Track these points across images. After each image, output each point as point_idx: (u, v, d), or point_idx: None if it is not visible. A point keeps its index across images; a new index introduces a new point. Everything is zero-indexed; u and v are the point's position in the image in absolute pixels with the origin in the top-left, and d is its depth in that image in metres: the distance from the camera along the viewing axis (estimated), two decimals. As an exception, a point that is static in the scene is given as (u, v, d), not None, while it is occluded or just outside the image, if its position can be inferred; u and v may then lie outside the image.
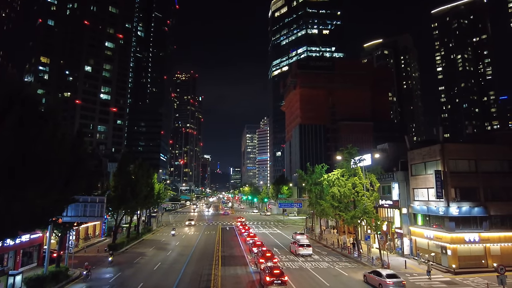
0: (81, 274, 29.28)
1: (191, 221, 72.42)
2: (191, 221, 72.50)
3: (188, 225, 70.85)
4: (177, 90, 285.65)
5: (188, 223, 71.24)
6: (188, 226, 70.37)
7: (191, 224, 70.92)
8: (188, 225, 70.71)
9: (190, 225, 70.46)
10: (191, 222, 71.71)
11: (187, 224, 71.40)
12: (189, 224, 70.79)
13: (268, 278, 24.78)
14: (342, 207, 39.55)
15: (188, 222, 71.77)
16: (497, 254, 31.70)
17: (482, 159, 33.55)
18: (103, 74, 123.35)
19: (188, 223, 71.47)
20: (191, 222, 71.63)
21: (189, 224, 70.98)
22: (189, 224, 70.75)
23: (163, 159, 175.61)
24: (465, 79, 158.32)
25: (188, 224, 71.03)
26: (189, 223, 71.14)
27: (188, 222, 71.86)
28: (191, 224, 70.86)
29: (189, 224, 70.75)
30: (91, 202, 28.17)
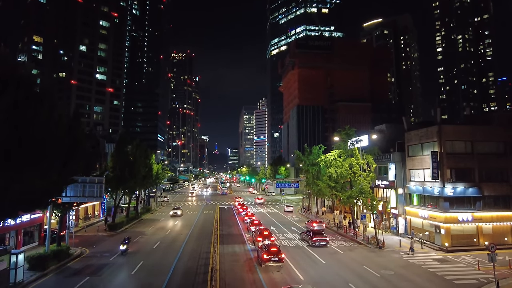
0: (82, 253, 29.86)
1: (190, 193, 74.89)
2: (190, 193, 74.83)
3: (187, 204, 72.15)
4: (174, 70, 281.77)
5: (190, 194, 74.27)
6: (187, 205, 71.40)
7: (190, 194, 73.60)
8: (188, 204, 71.90)
9: (192, 194, 73.26)
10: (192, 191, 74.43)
11: (187, 203, 72.84)
12: (189, 203, 72.24)
13: (266, 255, 25.38)
14: (338, 187, 40.08)
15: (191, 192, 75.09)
16: (488, 233, 32.47)
17: (478, 140, 33.78)
18: (98, 53, 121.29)
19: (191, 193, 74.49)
20: (191, 192, 74.23)
21: (189, 202, 73.09)
22: (189, 203, 72.25)
23: (161, 140, 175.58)
24: (464, 60, 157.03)
25: (187, 203, 72.46)
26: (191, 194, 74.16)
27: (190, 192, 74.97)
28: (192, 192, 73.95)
29: (189, 203, 72.25)
30: (89, 182, 28.36)
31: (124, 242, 30.11)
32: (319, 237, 33.17)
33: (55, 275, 23.64)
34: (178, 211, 54.47)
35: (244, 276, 23.64)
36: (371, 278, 23.36)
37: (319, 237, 33.26)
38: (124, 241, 30.28)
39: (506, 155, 33.93)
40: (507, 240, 32.23)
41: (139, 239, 36.71)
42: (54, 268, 24.71)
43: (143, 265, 26.04)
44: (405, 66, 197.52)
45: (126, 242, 30.16)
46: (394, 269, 25.43)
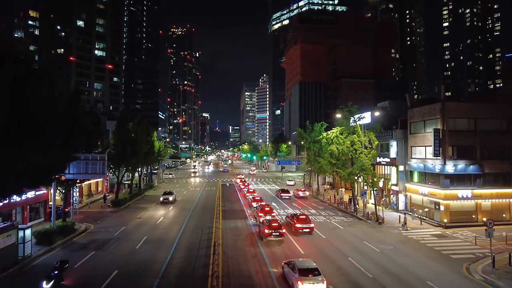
0: (87, 228, 30.49)
1: (193, 173, 76.31)
2: (193, 172, 76.12)
3: (190, 180, 73.41)
4: (173, 45, 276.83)
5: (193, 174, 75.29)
6: (189, 182, 72.22)
7: (193, 174, 74.75)
8: (190, 180, 72.96)
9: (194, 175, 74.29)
10: (194, 172, 75.54)
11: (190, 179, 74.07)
12: (191, 179, 73.61)
13: (267, 230, 25.88)
14: (339, 164, 40.27)
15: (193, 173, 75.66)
16: (487, 209, 32.85)
17: (482, 118, 33.51)
18: (96, 29, 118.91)
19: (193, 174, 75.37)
20: (194, 172, 75.43)
21: (192, 174, 75.20)
22: (191, 180, 74.00)
23: (162, 117, 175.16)
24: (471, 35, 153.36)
25: (190, 180, 73.73)
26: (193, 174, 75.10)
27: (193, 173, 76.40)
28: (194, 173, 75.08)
29: (191, 180, 74.00)
30: (92, 160, 28.52)
31: (51, 275, 16.66)
32: (303, 223, 28.45)
33: (62, 249, 24.25)
34: (170, 196, 44.64)
35: (246, 250, 24.20)
36: (371, 253, 23.88)
37: (302, 222, 28.55)
38: (52, 273, 16.83)
39: (509, 132, 33.77)
40: (505, 216, 32.63)
41: (142, 215, 37.36)
42: (61, 243, 25.32)
43: (147, 240, 26.63)
44: (410, 42, 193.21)
45: (54, 275, 16.76)
46: (393, 244, 25.95)
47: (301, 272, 16.64)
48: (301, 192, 51.89)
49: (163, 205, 43.94)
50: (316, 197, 52.17)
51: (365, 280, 18.75)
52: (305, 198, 50.07)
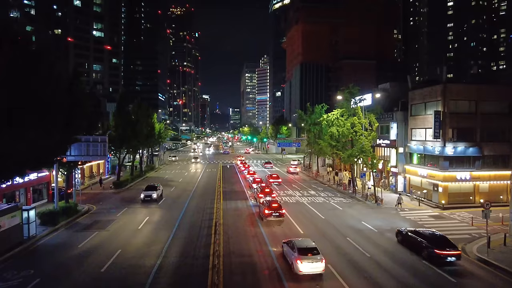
0: (90, 209, 30.96)
1: (194, 157, 77.06)
2: (195, 157, 76.97)
3: (191, 161, 76.01)
4: (172, 25, 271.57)
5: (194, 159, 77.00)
6: (190, 163, 72.88)
7: (195, 158, 75.73)
8: (191, 162, 74.53)
9: (196, 161, 75.88)
10: (195, 158, 76.37)
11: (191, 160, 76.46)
12: (192, 161, 75.83)
13: (267, 211, 26.30)
14: (339, 146, 40.44)
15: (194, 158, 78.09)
16: (485, 191, 33.23)
17: (483, 100, 33.37)
18: (94, 9, 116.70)
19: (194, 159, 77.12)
20: (195, 158, 76.26)
21: (193, 160, 77.22)
22: (194, 161, 76.27)
23: (162, 99, 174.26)
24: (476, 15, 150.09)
25: (191, 161, 76.09)
26: (194, 160, 76.84)
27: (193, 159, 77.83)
28: (195, 158, 76.96)
29: (194, 161, 76.27)
30: (93, 141, 28.68)
31: None
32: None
33: (65, 230, 24.72)
34: (153, 192, 34.26)
35: (246, 230, 24.66)
36: (369, 233, 24.33)
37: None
38: None
39: (510, 114, 33.70)
40: (502, 198, 33.00)
41: (144, 196, 37.81)
42: (64, 224, 25.78)
43: (149, 220, 27.10)
44: (413, 22, 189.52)
45: None
46: (391, 225, 26.38)
47: (300, 251, 17.03)
48: (292, 168, 58.80)
49: (167, 184, 44.34)
50: (315, 178, 52.62)
51: (362, 259, 19.21)
52: (296, 174, 57.21)
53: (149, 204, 33.22)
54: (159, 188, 36.19)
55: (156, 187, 35.90)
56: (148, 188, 35.67)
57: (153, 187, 35.78)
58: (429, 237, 19.88)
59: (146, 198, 33.71)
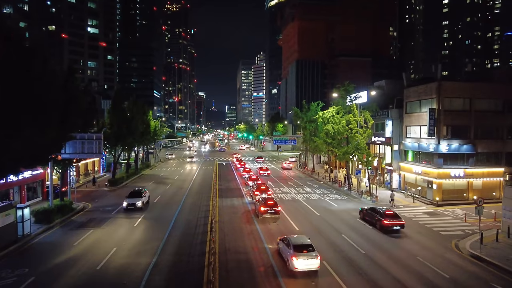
0: (85, 207, 30.85)
1: (190, 157, 74.75)
2: (190, 156, 75.15)
3: (186, 161, 72.99)
4: (168, 22, 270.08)
5: (189, 159, 73.03)
6: (186, 161, 72.56)
7: (190, 158, 73.44)
8: (187, 161, 72.56)
9: (191, 161, 72.47)
10: (190, 157, 73.85)
11: (186, 160, 73.93)
12: (188, 160, 72.79)
13: (263, 208, 26.41)
14: (335, 144, 40.61)
15: (189, 158, 73.94)
16: (478, 188, 33.57)
17: (477, 97, 33.66)
18: (88, 5, 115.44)
19: (189, 159, 73.22)
20: (190, 157, 73.75)
21: (189, 159, 73.45)
22: (189, 160, 72.65)
23: (157, 96, 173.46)
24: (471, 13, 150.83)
25: (187, 160, 73.26)
26: (190, 159, 72.80)
27: (189, 159, 73.67)
28: (190, 158, 73.57)
29: (189, 160, 72.65)
30: (88, 139, 28.51)
31: None
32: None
33: (60, 228, 24.63)
34: (137, 200, 29.97)
35: (242, 227, 24.74)
36: (364, 230, 24.52)
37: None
38: None
39: (504, 112, 34.06)
40: (495, 194, 33.36)
41: (140, 193, 37.70)
42: (59, 222, 25.68)
43: (144, 219, 27.06)
44: (409, 20, 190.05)
45: None
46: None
47: (296, 248, 17.14)
48: (286, 164, 62.14)
49: (163, 182, 44.29)
50: (311, 175, 52.80)
51: (357, 256, 19.37)
52: (290, 169, 60.10)
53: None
54: (144, 194, 31.58)
55: (141, 193, 31.30)
56: (132, 194, 30.91)
57: (137, 193, 31.11)
58: (381, 212, 24.72)
59: (129, 207, 29.33)
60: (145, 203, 30.83)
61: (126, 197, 30.36)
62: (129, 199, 29.94)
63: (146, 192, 32.34)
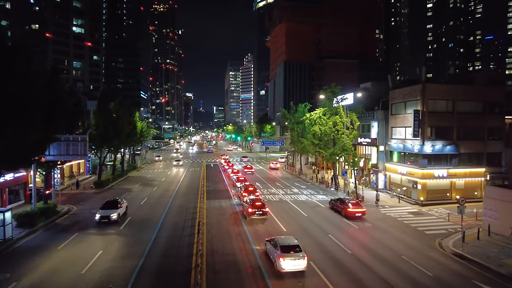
0: (70, 210, 30.29)
1: (176, 160, 70.46)
2: (177, 159, 70.71)
3: (174, 164, 68.73)
4: (155, 22, 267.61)
5: (176, 162, 68.21)
6: (173, 163, 70.95)
7: (177, 161, 68.83)
8: (175, 164, 68.25)
9: (177, 164, 67.43)
10: (177, 160, 69.35)
11: (173, 162, 70.58)
12: (175, 163, 68.34)
13: (251, 209, 26.45)
14: (322, 145, 41.01)
15: (176, 161, 69.02)
16: (461, 188, 34.40)
17: (460, 99, 34.51)
18: (73, 4, 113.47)
19: (176, 162, 68.44)
20: (177, 160, 69.26)
21: (175, 162, 68.51)
22: (175, 164, 67.78)
23: (144, 97, 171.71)
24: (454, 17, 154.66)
25: (174, 163, 68.94)
26: (176, 163, 67.97)
27: (175, 162, 68.66)
28: (176, 161, 68.74)
29: (175, 164, 67.78)
30: (73, 140, 28.05)
31: None
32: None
33: (44, 232, 24.12)
34: (112, 212, 26.06)
35: (229, 229, 24.71)
36: (350, 230, 24.83)
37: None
38: None
39: (484, 114, 35.01)
40: (477, 194, 34.25)
41: (126, 195, 37.17)
42: (43, 225, 25.14)
43: (130, 221, 26.75)
44: (394, 23, 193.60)
45: None
46: (372, 221, 27.00)
47: (283, 249, 17.23)
48: (273, 164, 63.76)
49: (149, 183, 43.84)
50: (298, 176, 53.12)
51: (344, 256, 19.60)
52: (276, 169, 61.56)
53: (131, 203, 32.66)
54: (121, 204, 27.76)
55: (117, 203, 27.38)
56: (106, 205, 27.03)
57: (112, 204, 27.19)
58: (345, 201, 28.95)
59: (102, 220, 25.41)
60: (120, 215, 26.85)
61: (100, 208, 26.57)
62: (103, 210, 26.09)
63: (123, 202, 28.53)
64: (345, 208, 28.16)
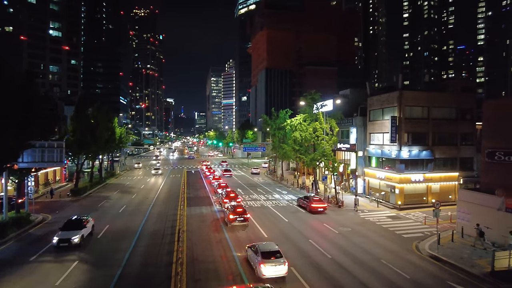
0: (44, 219, 29.24)
1: (155, 168, 64.73)
2: (155, 168, 65.08)
3: (152, 173, 62.89)
4: (136, 27, 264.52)
5: (154, 171, 63.07)
6: (151, 172, 64.57)
7: (156, 169, 63.59)
8: (153, 173, 62.54)
9: (156, 173, 62.51)
10: (156, 169, 63.97)
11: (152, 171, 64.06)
12: (153, 172, 62.75)
13: (232, 215, 26.34)
14: (302, 150, 41.44)
15: (155, 169, 63.82)
16: (436, 192, 35.51)
17: (434, 106, 35.77)
18: (50, 6, 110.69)
19: (155, 170, 63.26)
20: (155, 169, 63.77)
21: (154, 170, 63.15)
22: (154, 173, 62.66)
23: (123, 102, 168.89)
24: (428, 27, 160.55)
25: (152, 172, 63.12)
26: (155, 171, 62.88)
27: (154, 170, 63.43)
28: (155, 170, 63.50)
29: (154, 173, 62.66)
30: (48, 147, 27.21)
31: None
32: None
33: (15, 242, 23.14)
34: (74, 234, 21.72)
35: (210, 236, 24.49)
36: (330, 235, 25.10)
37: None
38: None
39: (457, 120, 36.42)
40: (451, 197, 35.44)
41: (104, 203, 36.36)
42: (14, 235, 24.12)
43: (108, 229, 26.08)
44: (372, 31, 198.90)
45: None
46: (351, 226, 27.41)
47: (264, 255, 17.23)
48: (254, 169, 64.95)
49: (128, 191, 42.95)
50: (280, 182, 53.37)
51: (324, 261, 19.78)
52: (258, 174, 63.33)
53: (110, 211, 31.88)
54: (86, 223, 23.66)
55: (81, 222, 23.38)
56: (68, 225, 22.66)
57: (76, 224, 23.04)
58: (310, 198, 32.94)
59: (61, 244, 21.24)
60: (84, 236, 22.56)
61: (60, 229, 22.37)
62: (64, 232, 21.90)
63: (88, 221, 24.41)
64: (309, 204, 32.23)
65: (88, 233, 23.78)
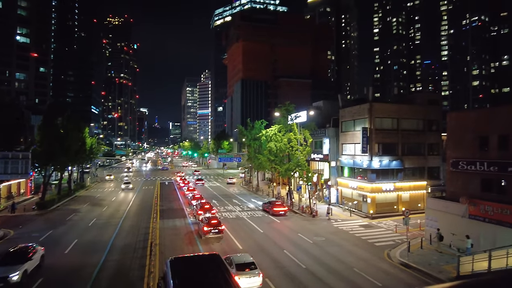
0: (5, 235, 27.65)
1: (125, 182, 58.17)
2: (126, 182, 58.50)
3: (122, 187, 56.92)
4: (109, 35, 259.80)
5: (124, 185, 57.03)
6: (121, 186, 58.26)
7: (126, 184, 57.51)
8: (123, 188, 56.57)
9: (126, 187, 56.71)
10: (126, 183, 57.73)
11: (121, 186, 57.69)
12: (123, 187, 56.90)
13: (206, 227, 25.97)
14: (277, 161, 41.83)
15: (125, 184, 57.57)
16: (406, 200, 36.73)
17: (403, 117, 37.27)
18: (18, 12, 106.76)
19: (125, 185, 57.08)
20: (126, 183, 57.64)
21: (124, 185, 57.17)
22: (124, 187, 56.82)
23: (95, 112, 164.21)
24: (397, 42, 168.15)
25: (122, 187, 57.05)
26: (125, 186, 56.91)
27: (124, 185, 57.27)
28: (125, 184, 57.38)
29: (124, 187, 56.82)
30: (12, 158, 26.05)
31: None
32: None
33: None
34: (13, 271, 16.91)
35: (184, 249, 24.00)
36: (304, 245, 25.28)
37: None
38: None
39: (424, 131, 38.08)
40: (420, 206, 36.71)
41: (73, 217, 34.90)
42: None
43: (77, 244, 25.02)
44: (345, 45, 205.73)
45: None
46: (325, 235, 27.76)
47: (238, 267, 17.09)
48: (230, 180, 65.99)
49: (99, 203, 41.43)
50: (255, 192, 53.35)
51: (298, 271, 19.86)
52: (233, 184, 64.12)
53: (79, 224, 30.61)
54: (32, 255, 18.85)
55: (25, 253, 18.62)
56: (7, 258, 17.99)
57: (18, 255, 18.29)
58: (272, 203, 36.54)
59: None
60: (31, 271, 18.17)
61: None
62: None
63: (36, 250, 19.50)
64: (271, 208, 35.47)
65: (35, 266, 18.98)
